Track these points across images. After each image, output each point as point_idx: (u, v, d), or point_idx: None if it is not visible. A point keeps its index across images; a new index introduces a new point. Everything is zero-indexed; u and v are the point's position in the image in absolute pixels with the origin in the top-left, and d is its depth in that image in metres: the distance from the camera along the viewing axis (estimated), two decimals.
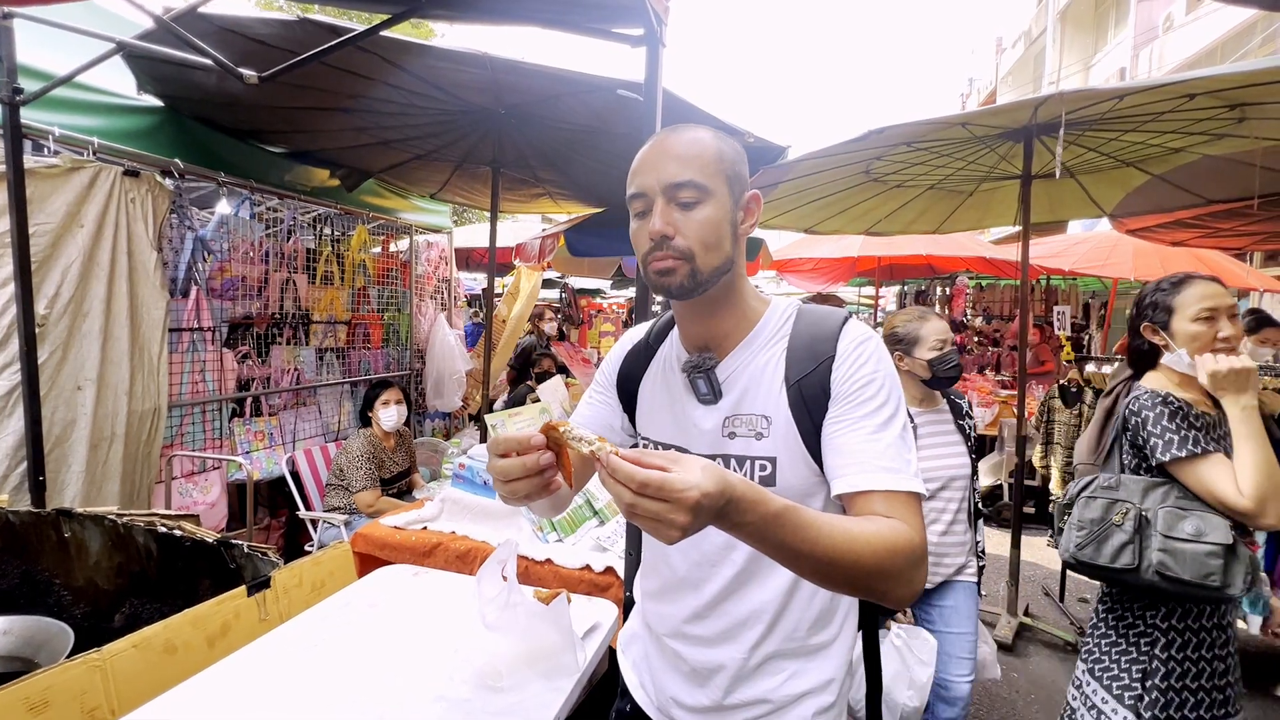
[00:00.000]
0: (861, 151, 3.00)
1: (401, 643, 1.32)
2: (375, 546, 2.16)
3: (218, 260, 3.27)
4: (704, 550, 0.93)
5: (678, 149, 0.85)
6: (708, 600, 0.93)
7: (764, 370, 0.89)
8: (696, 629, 0.95)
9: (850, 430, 0.82)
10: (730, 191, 0.86)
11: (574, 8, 1.47)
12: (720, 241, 0.85)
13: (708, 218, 0.84)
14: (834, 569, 0.70)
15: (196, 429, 3.18)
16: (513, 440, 0.73)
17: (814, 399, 0.85)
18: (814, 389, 0.85)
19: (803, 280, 8.88)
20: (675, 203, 0.84)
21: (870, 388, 0.83)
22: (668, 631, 0.99)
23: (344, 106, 2.95)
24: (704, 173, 0.84)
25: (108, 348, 2.62)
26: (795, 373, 0.87)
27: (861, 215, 4.31)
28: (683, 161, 0.84)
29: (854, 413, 0.82)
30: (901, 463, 0.80)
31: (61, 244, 2.46)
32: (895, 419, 0.83)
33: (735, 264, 0.89)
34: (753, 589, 0.91)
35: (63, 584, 1.94)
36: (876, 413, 0.82)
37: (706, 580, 0.93)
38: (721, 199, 0.85)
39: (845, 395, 0.83)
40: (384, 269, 4.53)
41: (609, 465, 0.62)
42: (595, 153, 3.46)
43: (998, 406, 5.22)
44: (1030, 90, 18.36)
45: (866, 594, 0.75)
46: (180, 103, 2.97)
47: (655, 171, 0.84)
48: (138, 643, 1.22)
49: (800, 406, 0.85)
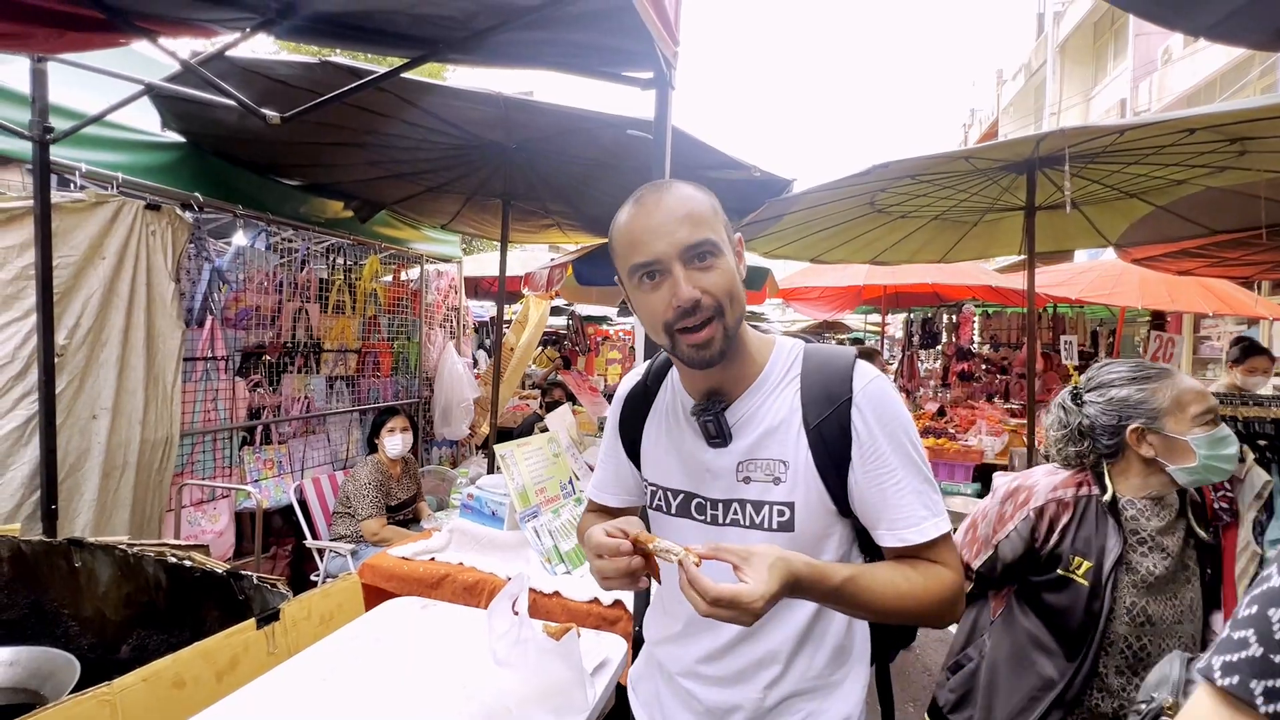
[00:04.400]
0: (866, 184, 3.05)
1: (410, 678, 1.31)
2: (382, 578, 2.16)
3: (233, 290, 3.33)
4: None
5: (680, 210, 0.83)
6: (725, 642, 0.93)
7: (780, 414, 0.89)
8: (711, 669, 0.95)
9: (886, 481, 0.86)
10: (728, 239, 0.87)
11: (586, 52, 1.53)
12: (739, 293, 0.85)
13: (725, 271, 0.84)
14: (889, 618, 0.84)
15: (207, 457, 3.20)
16: (604, 546, 0.81)
17: (834, 441, 0.86)
18: (834, 431, 0.86)
19: (809, 308, 8.92)
20: (691, 264, 0.82)
21: (897, 436, 0.86)
22: (681, 671, 0.98)
23: (360, 142, 3.04)
24: (713, 229, 0.84)
25: (124, 377, 2.66)
26: (814, 416, 0.87)
27: (866, 245, 4.36)
28: (693, 222, 0.82)
29: (887, 463, 0.86)
30: (935, 506, 0.86)
31: (83, 275, 2.52)
32: (919, 461, 0.87)
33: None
34: (771, 631, 0.91)
35: (71, 614, 1.94)
36: (906, 462, 0.86)
37: (726, 624, 0.92)
38: (727, 249, 0.85)
39: (872, 444, 0.86)
40: (395, 298, 4.59)
41: (690, 575, 0.72)
42: (604, 185, 3.53)
43: (1007, 435, 5.18)
44: (1031, 121, 18.61)
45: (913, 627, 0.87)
46: (202, 139, 3.06)
47: (667, 237, 0.82)
48: (147, 676, 1.22)
49: (821, 449, 0.87)
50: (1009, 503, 1.37)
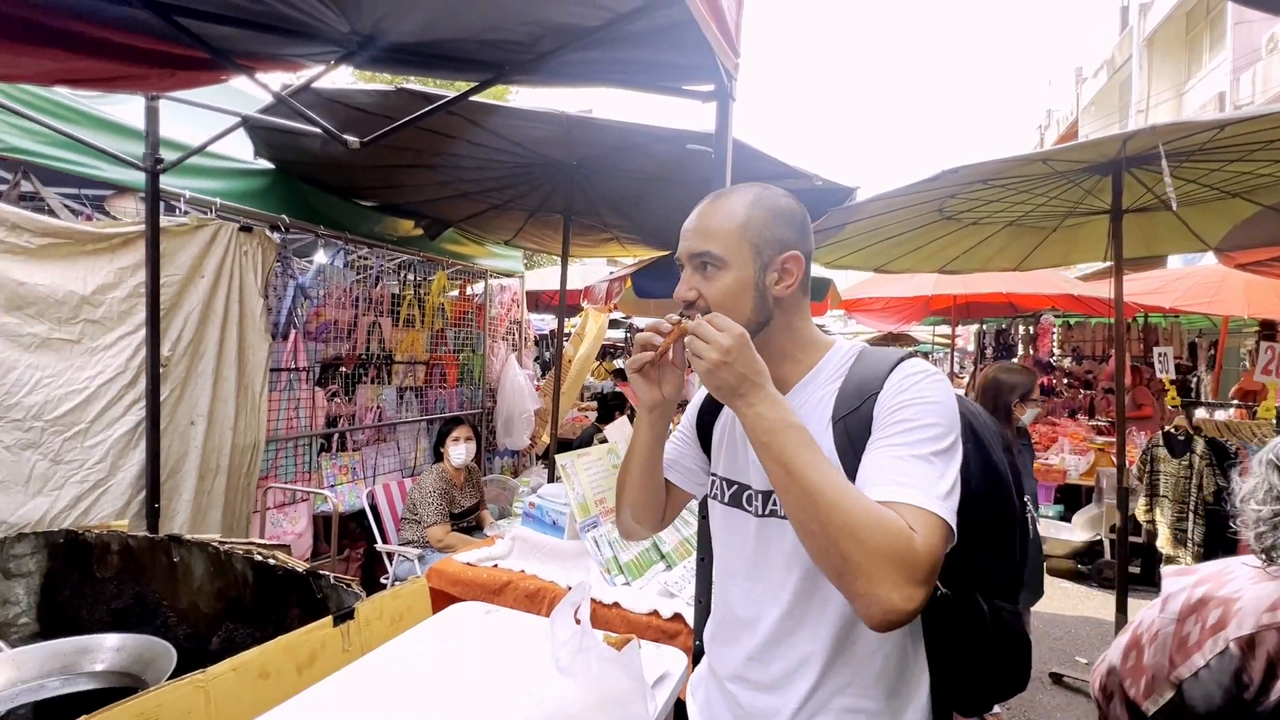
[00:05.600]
0: (935, 190, 2.95)
1: (475, 681, 1.34)
2: (448, 582, 2.22)
3: (314, 305, 3.55)
4: (761, 587, 0.95)
5: (703, 221, 0.93)
6: (761, 641, 0.94)
7: (814, 410, 0.91)
8: (753, 672, 0.96)
9: (875, 450, 0.82)
10: (755, 257, 0.91)
11: (648, 69, 1.56)
12: (739, 305, 0.90)
13: (724, 285, 0.91)
14: (816, 505, 0.73)
15: (289, 462, 3.40)
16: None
17: (858, 436, 0.85)
18: (858, 425, 0.86)
19: (872, 320, 8.65)
20: (697, 270, 0.93)
21: (905, 411, 0.82)
22: (728, 674, 1.01)
23: (430, 163, 3.19)
24: (723, 244, 0.90)
25: (218, 386, 2.87)
26: (841, 410, 0.88)
27: (935, 253, 4.20)
28: (705, 234, 0.92)
29: (882, 434, 0.82)
30: (922, 480, 0.77)
31: (185, 293, 2.75)
32: (927, 442, 0.80)
33: (770, 321, 0.93)
34: (801, 635, 0.91)
35: (169, 605, 2.09)
36: (905, 434, 0.81)
37: (760, 619, 0.95)
38: (741, 266, 0.90)
39: (881, 424, 0.83)
40: (460, 312, 4.77)
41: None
42: (663, 199, 3.56)
43: (1093, 454, 4.84)
44: (1115, 120, 17.50)
45: (839, 565, 0.72)
46: (289, 165, 3.29)
47: (686, 241, 0.94)
48: (236, 666, 1.30)
49: (845, 443, 0.86)
50: (1193, 622, 0.91)
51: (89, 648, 1.79)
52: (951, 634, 0.92)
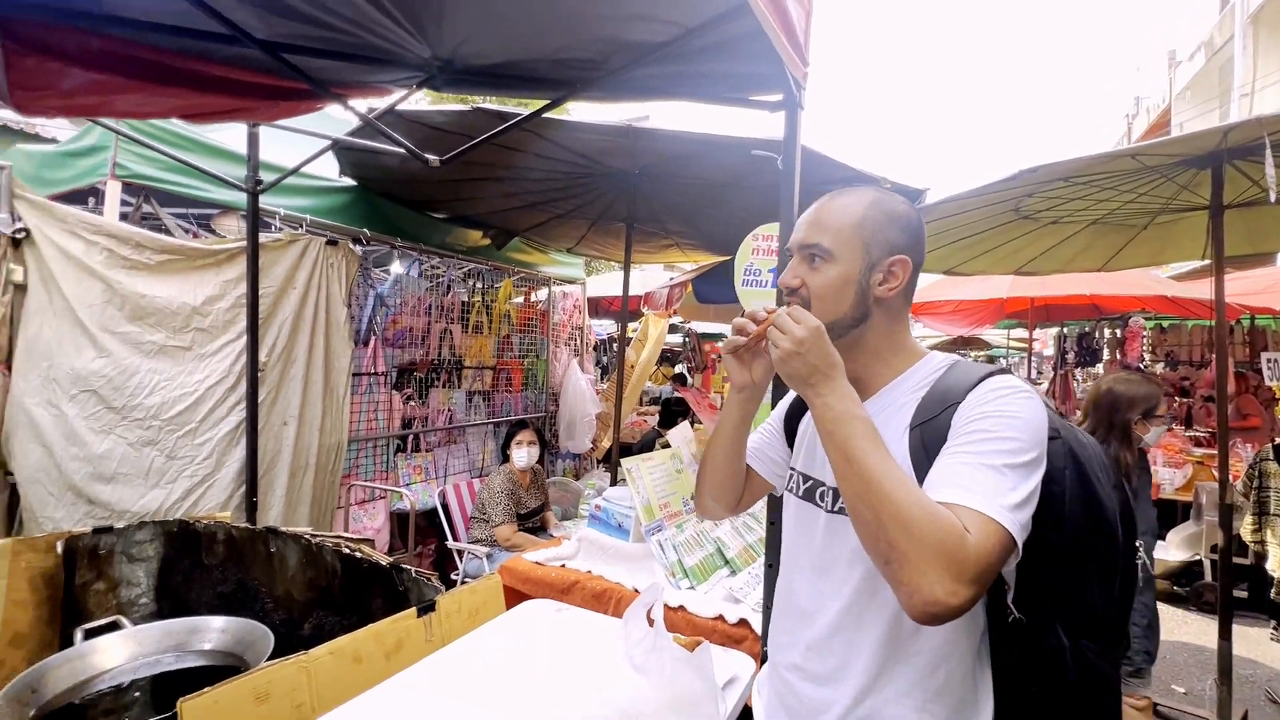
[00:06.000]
0: (1010, 190, 2.83)
1: (548, 675, 1.40)
2: (518, 580, 2.31)
3: (391, 313, 3.76)
4: (825, 581, 0.96)
5: (819, 215, 0.96)
6: (819, 633, 0.96)
7: (894, 415, 0.91)
8: (811, 663, 0.97)
9: (946, 457, 0.81)
10: (863, 254, 0.93)
11: (715, 81, 1.58)
12: (838, 298, 0.93)
13: (828, 277, 0.93)
14: (870, 491, 0.74)
15: (368, 462, 3.60)
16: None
17: (933, 444, 0.84)
18: (933, 434, 0.85)
19: (941, 323, 8.31)
20: (805, 259, 0.96)
21: (983, 422, 0.81)
22: (786, 663, 1.03)
23: (498, 176, 3.32)
24: (835, 238, 0.93)
25: (307, 390, 3.08)
26: (920, 418, 0.88)
27: (1010, 254, 4.01)
28: (819, 227, 0.95)
29: (955, 443, 0.82)
30: (989, 488, 0.75)
31: (280, 303, 2.97)
32: (1001, 454, 0.77)
33: (866, 319, 0.94)
34: (858, 633, 0.91)
35: (267, 592, 2.25)
36: (979, 443, 0.79)
37: (821, 612, 0.96)
38: (848, 261, 0.93)
39: (956, 433, 0.83)
40: (525, 318, 4.92)
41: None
42: (725, 205, 3.57)
43: (1191, 467, 4.49)
44: (1214, 105, 16.15)
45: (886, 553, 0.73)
46: (370, 182, 3.50)
47: (799, 232, 0.98)
48: (333, 650, 1.41)
49: (919, 451, 0.86)
50: None
51: (199, 628, 1.96)
52: (1023, 664, 0.88)
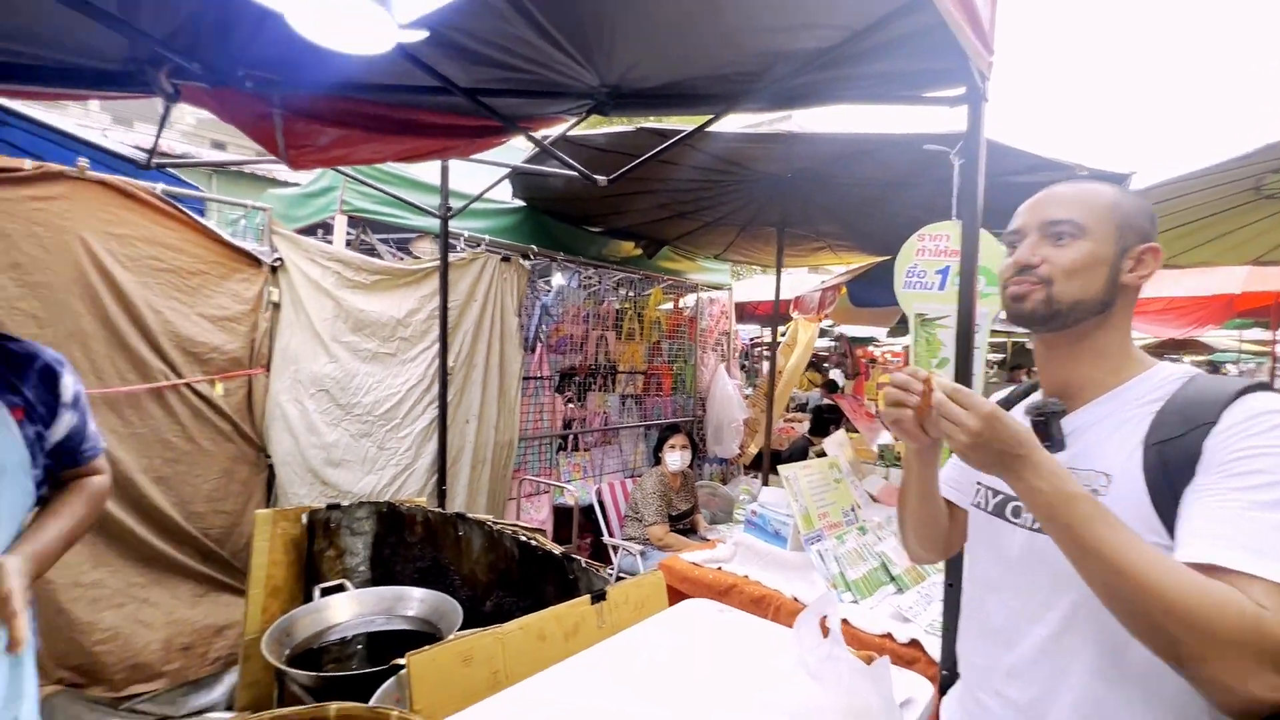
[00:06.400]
0: (1249, 167, 2.39)
1: (715, 673, 1.43)
2: (676, 578, 2.38)
3: (554, 322, 4.06)
4: (1022, 601, 0.89)
5: (1066, 194, 0.90)
6: (1018, 659, 0.89)
7: (1118, 428, 0.83)
8: (1010, 689, 0.90)
9: (1215, 498, 0.70)
10: (1116, 236, 0.87)
11: (887, 81, 1.53)
12: (1089, 278, 0.86)
13: (1077, 253, 0.86)
14: (1125, 584, 0.67)
15: (534, 459, 3.92)
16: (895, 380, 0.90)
17: (1177, 466, 0.74)
18: (1179, 455, 0.75)
19: (1149, 323, 7.13)
20: (1047, 237, 0.89)
21: (1259, 460, 0.69)
22: (983, 685, 0.96)
23: (652, 189, 3.45)
24: (1087, 215, 0.87)
25: (485, 392, 3.43)
26: (1158, 434, 0.78)
27: (1245, 242, 3.37)
28: (1066, 203, 0.88)
29: (1226, 482, 0.70)
30: (1273, 546, 0.65)
31: (464, 315, 3.34)
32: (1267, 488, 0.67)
33: (1110, 308, 0.87)
34: (1065, 664, 0.83)
35: (456, 571, 2.54)
36: (1259, 489, 0.68)
37: (1019, 635, 0.89)
38: (1101, 240, 0.86)
39: (1219, 464, 0.71)
40: (674, 324, 5.05)
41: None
42: (886, 204, 3.40)
43: None
44: None
45: (1168, 649, 0.64)
46: (537, 202, 3.82)
47: (1037, 212, 0.91)
48: (523, 626, 1.57)
49: (1158, 470, 0.76)
50: None
51: (404, 596, 2.27)
52: None
